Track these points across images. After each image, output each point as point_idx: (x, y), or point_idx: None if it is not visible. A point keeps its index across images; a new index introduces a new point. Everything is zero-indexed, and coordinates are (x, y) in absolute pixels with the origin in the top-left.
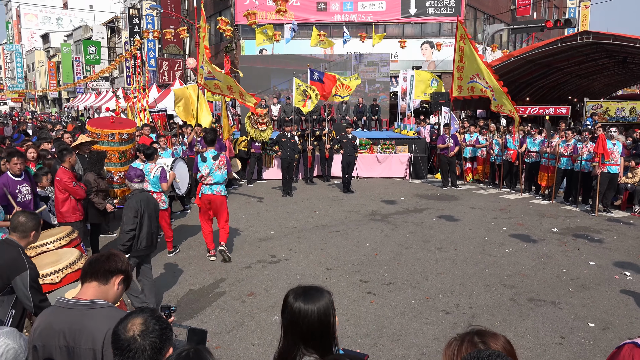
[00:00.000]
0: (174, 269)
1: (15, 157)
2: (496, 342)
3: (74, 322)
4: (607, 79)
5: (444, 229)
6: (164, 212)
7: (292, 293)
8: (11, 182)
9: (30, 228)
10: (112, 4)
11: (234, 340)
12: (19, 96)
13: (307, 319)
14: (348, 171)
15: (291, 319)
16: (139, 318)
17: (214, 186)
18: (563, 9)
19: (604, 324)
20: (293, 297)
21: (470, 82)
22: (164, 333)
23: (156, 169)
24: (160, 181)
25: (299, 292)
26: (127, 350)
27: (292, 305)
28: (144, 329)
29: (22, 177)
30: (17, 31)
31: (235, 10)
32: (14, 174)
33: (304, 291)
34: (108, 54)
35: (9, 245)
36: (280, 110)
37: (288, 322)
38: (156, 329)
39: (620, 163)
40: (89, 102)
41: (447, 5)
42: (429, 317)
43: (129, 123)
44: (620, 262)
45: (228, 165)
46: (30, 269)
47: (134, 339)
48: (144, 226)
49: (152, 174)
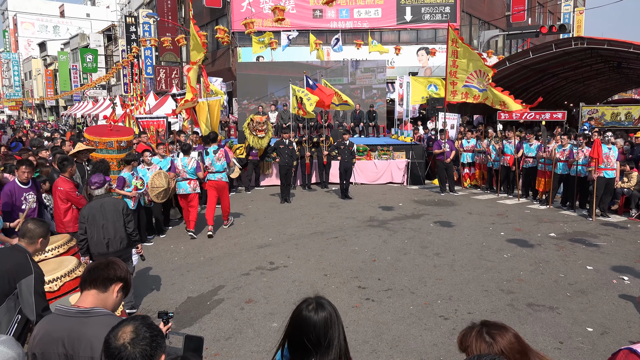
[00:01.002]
0: (172, 276)
1: (23, 166)
2: (503, 337)
3: (73, 330)
4: (602, 84)
5: (441, 235)
6: (225, 185)
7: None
8: (17, 190)
9: (38, 235)
10: (109, 12)
11: (232, 347)
12: (16, 104)
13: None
14: (346, 177)
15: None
16: (129, 326)
17: (216, 174)
18: (557, 14)
19: (603, 328)
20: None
21: (465, 86)
22: (155, 340)
23: (192, 161)
24: (196, 171)
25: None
26: (118, 359)
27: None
28: (134, 336)
29: (29, 185)
30: (14, 40)
31: (232, 18)
32: (21, 181)
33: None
34: (105, 62)
35: (17, 250)
36: (278, 117)
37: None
38: (147, 337)
39: (617, 168)
40: (86, 109)
41: (442, 12)
42: (427, 323)
43: (126, 131)
44: (618, 267)
45: (227, 156)
46: (36, 272)
47: (124, 347)
48: (94, 233)
49: (189, 166)
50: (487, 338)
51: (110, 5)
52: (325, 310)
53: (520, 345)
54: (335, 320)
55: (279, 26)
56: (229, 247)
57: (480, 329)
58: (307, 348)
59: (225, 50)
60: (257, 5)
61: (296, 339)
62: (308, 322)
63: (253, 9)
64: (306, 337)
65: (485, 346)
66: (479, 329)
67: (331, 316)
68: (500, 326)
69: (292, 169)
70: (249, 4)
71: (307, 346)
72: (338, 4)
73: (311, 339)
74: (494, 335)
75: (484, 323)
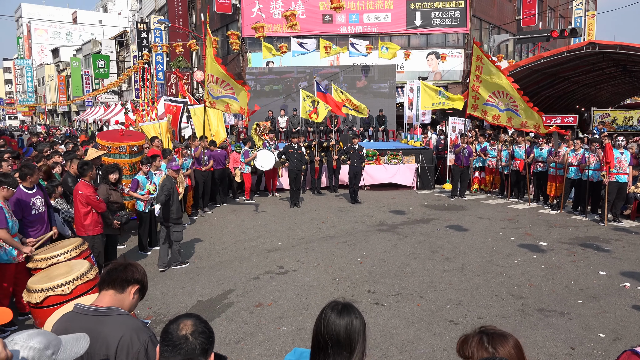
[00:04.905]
0: (183, 280)
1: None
2: (504, 347)
3: (89, 328)
4: (614, 88)
5: (451, 240)
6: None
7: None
8: (24, 195)
9: None
10: (121, 18)
11: (242, 351)
12: (29, 110)
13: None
14: (355, 182)
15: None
16: (189, 320)
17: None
18: (569, 18)
19: (615, 334)
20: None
21: (486, 105)
22: (211, 336)
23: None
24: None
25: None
26: (179, 348)
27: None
28: (195, 329)
29: (34, 190)
30: (28, 46)
31: (242, 23)
32: (26, 186)
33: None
34: (117, 68)
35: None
36: (288, 121)
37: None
38: (205, 332)
39: (629, 172)
40: (98, 115)
41: (452, 16)
42: (437, 328)
43: (138, 135)
44: (630, 272)
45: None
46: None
47: (186, 337)
48: None
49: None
50: (490, 349)
51: (122, 12)
52: (349, 315)
53: (519, 354)
54: (359, 330)
55: (289, 31)
56: (238, 251)
57: (480, 337)
58: (326, 349)
59: (235, 55)
60: (267, 10)
61: (317, 337)
62: (328, 321)
63: (263, 14)
64: (323, 335)
65: (487, 355)
66: (480, 337)
67: (354, 323)
68: (500, 334)
69: (301, 173)
70: (259, 9)
71: (326, 346)
72: (348, 9)
73: (329, 340)
74: (495, 344)
75: (483, 330)
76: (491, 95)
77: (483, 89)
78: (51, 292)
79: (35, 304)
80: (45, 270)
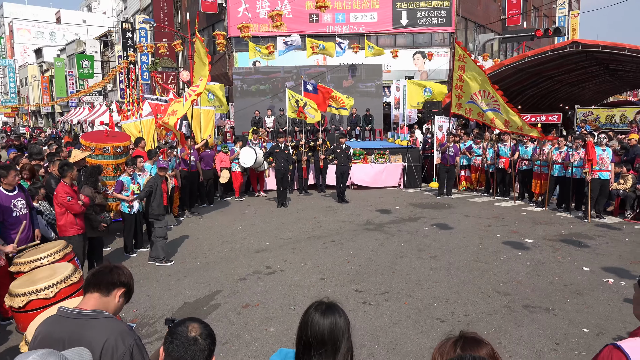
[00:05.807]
0: (169, 281)
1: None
2: (475, 353)
3: (73, 331)
4: (597, 87)
5: (438, 238)
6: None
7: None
8: (4, 197)
9: None
10: (106, 18)
11: (229, 352)
12: (11, 111)
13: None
14: (342, 181)
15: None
16: (196, 323)
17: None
18: (553, 17)
19: (598, 329)
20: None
21: (469, 103)
22: (215, 339)
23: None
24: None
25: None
26: (189, 348)
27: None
28: (202, 332)
29: (15, 192)
30: (10, 46)
31: (228, 23)
32: (6, 189)
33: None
34: (102, 68)
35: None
36: (275, 121)
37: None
38: (211, 334)
39: (611, 169)
40: (82, 115)
41: (438, 15)
42: (424, 326)
43: (123, 137)
44: (612, 268)
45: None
46: None
47: (195, 339)
48: None
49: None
50: (459, 351)
51: (107, 12)
52: (334, 315)
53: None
54: (343, 329)
55: (275, 31)
56: (225, 251)
57: (454, 342)
58: (311, 349)
59: (221, 55)
60: (254, 10)
61: (301, 336)
62: (312, 321)
63: (249, 14)
64: (308, 336)
65: None
66: (454, 342)
67: (338, 322)
68: (475, 340)
69: (288, 173)
70: (245, 9)
71: (310, 346)
72: (334, 9)
73: (314, 340)
74: (465, 350)
75: (461, 336)
76: (475, 94)
77: (466, 87)
78: (34, 296)
79: (18, 309)
80: (28, 274)
